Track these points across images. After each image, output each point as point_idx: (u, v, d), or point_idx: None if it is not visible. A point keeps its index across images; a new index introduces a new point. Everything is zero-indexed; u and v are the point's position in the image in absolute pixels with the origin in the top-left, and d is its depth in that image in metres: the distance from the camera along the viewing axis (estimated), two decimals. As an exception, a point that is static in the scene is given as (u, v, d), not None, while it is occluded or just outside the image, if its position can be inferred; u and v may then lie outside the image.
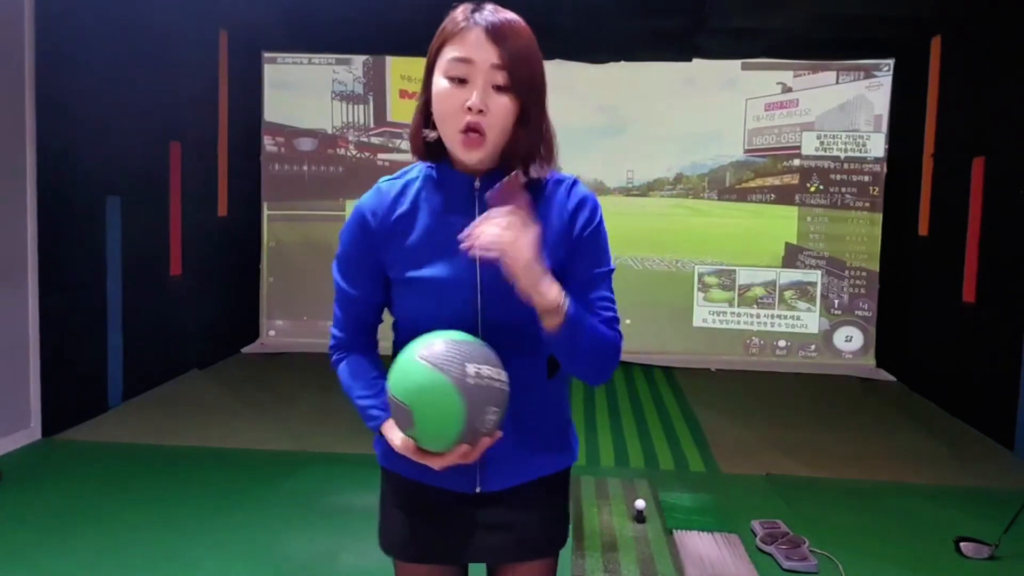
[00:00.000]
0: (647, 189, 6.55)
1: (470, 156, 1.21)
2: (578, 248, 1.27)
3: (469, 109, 1.17)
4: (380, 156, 6.72)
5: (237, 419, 4.70)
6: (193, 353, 5.79)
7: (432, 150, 1.27)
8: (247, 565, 2.85)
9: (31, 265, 4.09)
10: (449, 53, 1.19)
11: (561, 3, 5.09)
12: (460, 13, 1.21)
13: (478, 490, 1.31)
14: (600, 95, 6.48)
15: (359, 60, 6.66)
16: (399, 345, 1.25)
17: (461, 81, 1.18)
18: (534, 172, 1.24)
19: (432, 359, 1.14)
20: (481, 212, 1.18)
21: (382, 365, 1.33)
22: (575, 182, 1.30)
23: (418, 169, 1.31)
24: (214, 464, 3.91)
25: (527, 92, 1.21)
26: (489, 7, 1.21)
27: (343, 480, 3.76)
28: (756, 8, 5.22)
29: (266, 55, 6.70)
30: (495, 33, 1.17)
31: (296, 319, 6.75)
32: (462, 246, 1.15)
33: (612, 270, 1.31)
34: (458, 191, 1.26)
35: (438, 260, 1.24)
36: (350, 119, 6.71)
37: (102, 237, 4.65)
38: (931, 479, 3.96)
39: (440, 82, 1.20)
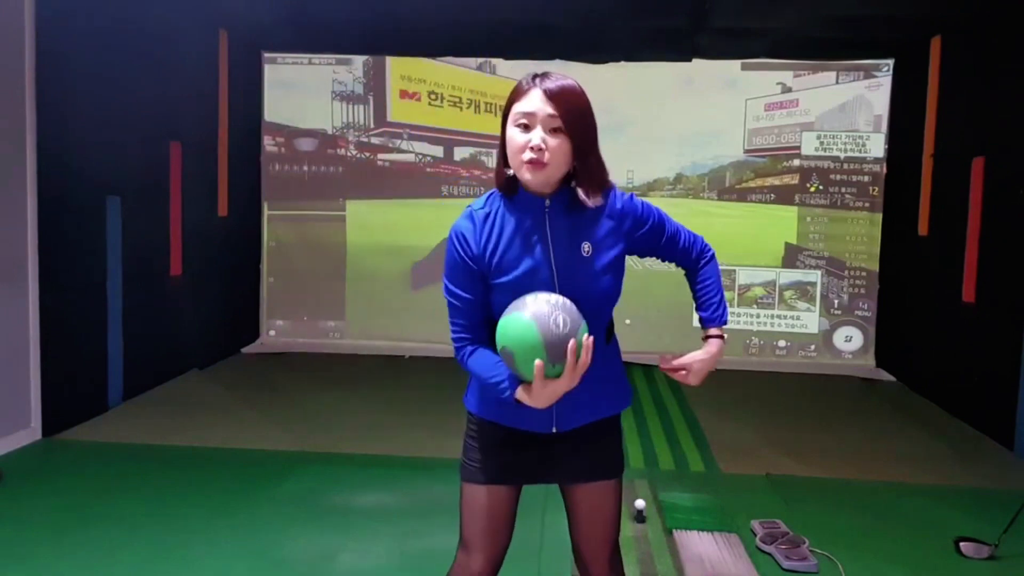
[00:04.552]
0: (647, 189, 6.55)
1: (534, 177, 1.56)
2: (635, 227, 1.68)
3: (531, 148, 1.54)
4: (380, 156, 6.72)
5: (237, 419, 4.70)
6: (193, 353, 5.79)
7: (511, 184, 1.63)
8: (247, 565, 2.85)
9: (31, 265, 4.09)
10: (516, 109, 1.58)
11: (561, 3, 5.08)
12: (525, 80, 1.59)
13: (554, 430, 1.68)
14: (600, 95, 6.31)
15: (359, 60, 6.66)
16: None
17: (526, 127, 1.56)
18: (582, 195, 1.59)
19: (507, 310, 1.52)
20: (550, 225, 1.61)
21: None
22: (615, 191, 1.69)
23: (497, 198, 1.67)
24: (214, 464, 3.91)
25: (578, 134, 1.57)
26: (552, 75, 1.58)
27: (343, 480, 3.76)
28: (756, 8, 5.21)
29: (266, 55, 6.70)
30: (550, 95, 1.55)
31: (296, 319, 6.75)
32: (662, 367, 1.69)
33: (665, 218, 1.73)
34: (533, 210, 1.63)
35: (521, 264, 1.61)
36: (350, 119, 6.71)
37: (102, 237, 4.65)
38: (931, 479, 3.96)
39: (511, 130, 1.58)
